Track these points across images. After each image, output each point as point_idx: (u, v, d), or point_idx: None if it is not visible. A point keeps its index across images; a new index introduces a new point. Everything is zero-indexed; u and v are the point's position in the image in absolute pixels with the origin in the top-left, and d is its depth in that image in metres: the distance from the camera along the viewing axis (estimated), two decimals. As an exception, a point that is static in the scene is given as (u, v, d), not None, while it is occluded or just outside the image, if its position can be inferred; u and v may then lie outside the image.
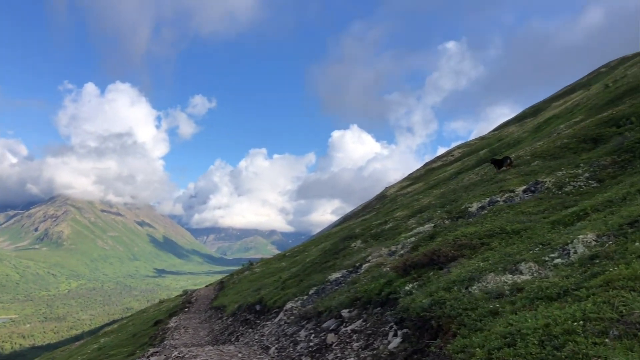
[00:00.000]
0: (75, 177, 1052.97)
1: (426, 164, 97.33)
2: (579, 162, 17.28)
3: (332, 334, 9.91)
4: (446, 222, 16.71)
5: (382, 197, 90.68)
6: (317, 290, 17.18)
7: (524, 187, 16.51)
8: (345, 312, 10.91)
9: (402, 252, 15.35)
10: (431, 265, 9.91)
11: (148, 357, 23.86)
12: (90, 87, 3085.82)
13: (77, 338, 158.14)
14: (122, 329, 61.92)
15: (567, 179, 15.14)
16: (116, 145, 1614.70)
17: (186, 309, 43.31)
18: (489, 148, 58.38)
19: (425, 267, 9.97)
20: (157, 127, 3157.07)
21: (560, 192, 14.14)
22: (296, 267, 30.47)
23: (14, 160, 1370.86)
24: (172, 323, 34.98)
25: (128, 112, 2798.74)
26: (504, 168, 24.25)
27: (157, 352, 24.26)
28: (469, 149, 78.51)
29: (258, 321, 20.80)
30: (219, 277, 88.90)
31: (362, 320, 9.93)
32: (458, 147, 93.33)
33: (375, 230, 23.01)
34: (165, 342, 27.01)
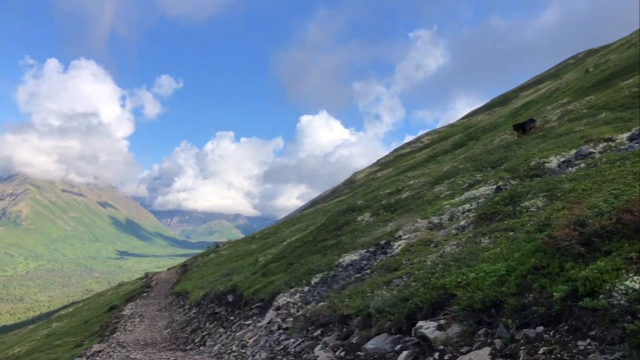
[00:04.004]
0: (35, 155, 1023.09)
1: (395, 150, 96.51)
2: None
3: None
4: (512, 182, 11.80)
5: (350, 182, 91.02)
6: (323, 279, 11.88)
7: (627, 134, 11.69)
8: (429, 328, 5.30)
9: (462, 223, 10.30)
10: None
11: (88, 357, 19.84)
12: (52, 63, 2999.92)
13: (34, 320, 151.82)
14: (77, 313, 57.67)
15: None
16: (80, 124, 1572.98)
17: (145, 294, 41.11)
18: (465, 132, 57.30)
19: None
20: (122, 106, 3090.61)
21: None
22: (275, 249, 25.40)
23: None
24: (127, 310, 32.31)
25: (92, 89, 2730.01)
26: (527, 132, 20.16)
27: (99, 351, 19.86)
28: (438, 136, 77.60)
29: (232, 317, 15.68)
30: (182, 260, 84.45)
31: (490, 351, 4.54)
32: (427, 134, 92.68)
33: (386, 200, 17.93)
34: (115, 335, 23.35)
